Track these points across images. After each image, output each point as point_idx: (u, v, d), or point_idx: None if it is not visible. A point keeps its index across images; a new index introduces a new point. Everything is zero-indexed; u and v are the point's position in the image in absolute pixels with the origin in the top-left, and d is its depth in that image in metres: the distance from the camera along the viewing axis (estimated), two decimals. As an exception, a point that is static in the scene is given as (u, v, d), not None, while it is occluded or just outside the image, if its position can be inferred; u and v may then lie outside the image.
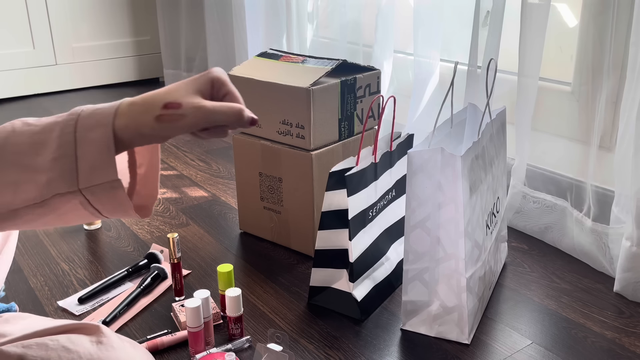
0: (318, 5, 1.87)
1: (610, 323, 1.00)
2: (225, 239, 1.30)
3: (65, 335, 0.71)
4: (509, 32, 1.26)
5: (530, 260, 1.20)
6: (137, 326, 1.00)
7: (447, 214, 0.90)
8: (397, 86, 1.67)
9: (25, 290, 1.11)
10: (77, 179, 0.53)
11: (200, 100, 0.55)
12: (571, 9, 1.30)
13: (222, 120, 0.55)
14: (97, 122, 0.54)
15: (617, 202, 1.09)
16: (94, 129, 0.53)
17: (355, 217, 0.96)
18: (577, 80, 1.23)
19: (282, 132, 1.15)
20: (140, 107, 0.54)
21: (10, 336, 0.68)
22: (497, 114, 1.06)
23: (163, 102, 0.54)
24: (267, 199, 1.23)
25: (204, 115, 0.54)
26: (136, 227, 1.35)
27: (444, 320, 0.95)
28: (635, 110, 1.00)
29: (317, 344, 0.95)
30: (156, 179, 0.64)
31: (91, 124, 0.54)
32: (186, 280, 1.14)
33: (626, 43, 1.10)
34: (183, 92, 0.55)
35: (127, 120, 0.54)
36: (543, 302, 1.06)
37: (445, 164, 0.88)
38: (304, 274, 1.15)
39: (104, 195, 0.54)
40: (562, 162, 1.27)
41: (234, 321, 0.94)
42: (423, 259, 0.94)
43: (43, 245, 1.28)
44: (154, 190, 0.64)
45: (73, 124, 0.54)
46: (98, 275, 1.16)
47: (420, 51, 1.49)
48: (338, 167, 0.96)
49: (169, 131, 0.54)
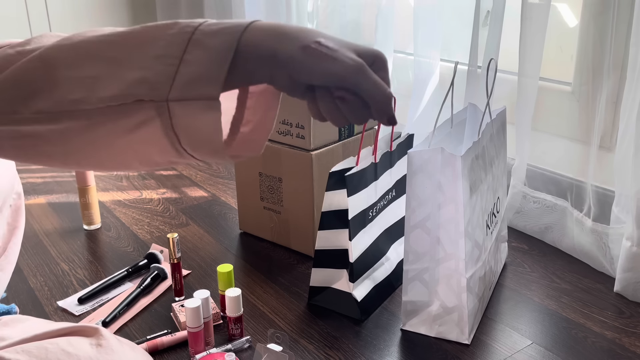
0: (318, 5, 1.87)
1: (610, 323, 1.00)
2: (225, 239, 1.30)
3: (65, 339, 0.70)
4: (509, 32, 1.26)
5: (531, 260, 1.20)
6: (136, 326, 1.00)
7: (447, 214, 0.89)
8: (397, 86, 1.67)
9: (25, 291, 1.11)
10: (171, 86, 0.43)
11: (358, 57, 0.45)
12: (571, 9, 1.30)
13: (370, 91, 0.44)
14: (222, 29, 0.44)
15: (618, 202, 1.09)
16: (216, 35, 0.44)
17: (355, 217, 0.96)
18: (577, 80, 1.23)
19: (282, 132, 1.15)
20: (290, 32, 0.44)
21: (9, 340, 0.68)
22: (497, 114, 1.05)
23: (318, 38, 0.44)
24: (267, 199, 1.23)
25: (355, 70, 0.44)
26: (136, 227, 1.35)
27: (444, 321, 0.95)
28: (636, 110, 1.00)
29: (317, 344, 0.95)
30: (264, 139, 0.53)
31: (214, 30, 0.44)
32: (186, 280, 1.13)
33: (626, 43, 1.10)
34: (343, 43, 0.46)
35: (263, 36, 0.44)
36: (543, 302, 1.06)
37: (446, 164, 0.87)
38: (304, 274, 1.15)
39: (195, 116, 0.43)
40: (562, 162, 1.27)
41: (233, 321, 0.94)
42: (423, 259, 0.93)
43: (43, 245, 1.28)
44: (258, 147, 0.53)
45: (196, 25, 0.44)
46: (98, 275, 1.16)
47: (420, 51, 1.49)
48: (338, 167, 0.96)
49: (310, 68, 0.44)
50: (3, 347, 0.67)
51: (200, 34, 0.43)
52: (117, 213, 1.43)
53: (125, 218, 1.40)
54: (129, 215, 1.42)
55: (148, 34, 0.44)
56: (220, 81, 0.42)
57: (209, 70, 0.43)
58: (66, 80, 0.44)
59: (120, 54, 0.44)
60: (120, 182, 1.62)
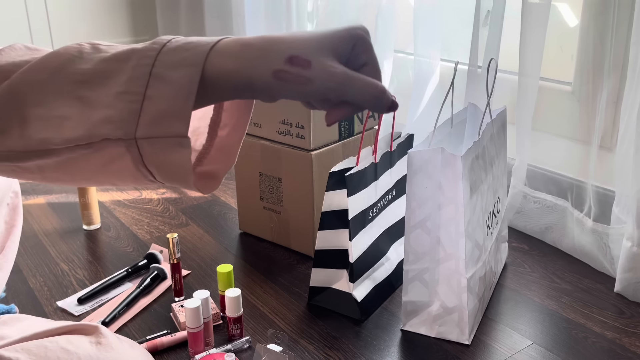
0: (318, 5, 1.87)
1: (610, 323, 1.00)
2: (225, 239, 1.30)
3: (64, 337, 0.70)
4: (510, 32, 1.26)
5: (531, 260, 1.20)
6: (136, 327, 1.00)
7: (448, 214, 0.89)
8: (397, 86, 1.67)
9: (24, 291, 1.11)
10: (137, 123, 0.41)
11: (335, 65, 0.42)
12: (572, 9, 1.30)
13: (356, 97, 0.42)
14: (182, 60, 0.42)
15: (618, 202, 1.09)
16: (177, 68, 0.42)
17: (356, 217, 0.96)
18: (577, 80, 1.23)
19: (282, 132, 1.15)
20: (257, 53, 0.42)
21: (8, 339, 0.68)
22: (498, 113, 1.05)
23: (288, 54, 0.41)
24: (267, 199, 1.23)
25: (336, 86, 0.42)
26: (135, 227, 1.35)
27: (444, 321, 0.95)
28: (636, 110, 1.00)
29: (317, 345, 0.95)
30: (238, 145, 0.52)
31: (176, 60, 0.42)
32: (186, 280, 1.13)
33: (627, 43, 1.10)
34: (315, 48, 0.42)
35: (232, 64, 0.42)
36: (543, 302, 1.06)
37: (446, 164, 0.87)
38: (304, 274, 1.15)
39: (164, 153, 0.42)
40: (563, 162, 1.27)
41: (233, 321, 0.94)
42: (423, 260, 0.93)
43: (42, 245, 1.28)
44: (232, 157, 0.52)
45: (154, 56, 0.42)
46: (97, 275, 1.16)
47: (420, 51, 1.49)
48: (338, 167, 0.96)
49: (284, 94, 0.42)
50: (2, 345, 0.67)
51: (161, 67, 0.42)
52: (117, 213, 1.43)
53: (124, 218, 1.40)
54: (128, 215, 1.41)
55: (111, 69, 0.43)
56: (186, 117, 0.41)
57: (174, 105, 0.41)
58: (35, 118, 0.43)
59: (86, 92, 0.43)
60: (120, 182, 1.61)
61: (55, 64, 0.44)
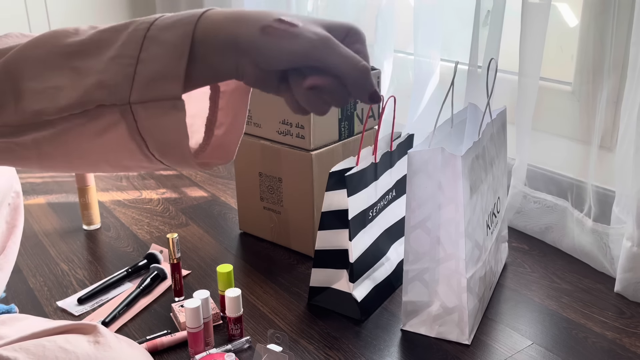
0: (318, 5, 1.87)
1: (610, 323, 1.00)
2: (225, 239, 1.30)
3: (63, 336, 0.70)
4: (510, 32, 1.26)
5: (531, 260, 1.19)
6: (136, 327, 1.00)
7: (448, 214, 0.89)
8: (397, 86, 1.67)
9: (24, 291, 1.11)
10: (131, 88, 0.41)
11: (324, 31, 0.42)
12: (572, 9, 1.30)
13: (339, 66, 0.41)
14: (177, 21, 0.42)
15: (618, 202, 1.09)
16: (171, 28, 0.41)
17: (356, 217, 0.96)
18: (577, 80, 1.23)
19: (282, 132, 1.15)
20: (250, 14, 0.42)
21: (6, 338, 0.68)
22: (498, 113, 1.05)
23: (278, 16, 0.41)
24: (267, 199, 1.23)
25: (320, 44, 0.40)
26: (135, 227, 1.35)
27: (444, 321, 0.95)
28: (636, 110, 1.00)
29: (317, 345, 0.95)
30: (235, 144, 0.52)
31: (169, 22, 0.42)
32: (186, 280, 1.13)
33: (627, 43, 1.10)
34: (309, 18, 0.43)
35: (221, 23, 0.42)
36: (543, 302, 1.06)
37: (446, 164, 0.87)
38: (304, 274, 1.15)
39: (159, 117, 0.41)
40: (563, 162, 1.27)
41: (233, 322, 0.94)
42: (423, 260, 0.93)
43: (42, 245, 1.28)
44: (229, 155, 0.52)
45: (151, 21, 0.42)
46: (97, 275, 1.16)
47: (420, 51, 1.49)
48: (338, 167, 0.96)
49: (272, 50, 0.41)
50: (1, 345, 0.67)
51: (155, 29, 0.41)
52: (117, 213, 1.43)
53: (124, 218, 1.40)
54: (128, 215, 1.41)
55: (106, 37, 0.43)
56: (180, 76, 0.41)
57: (167, 66, 0.40)
58: (29, 92, 0.43)
59: (80, 62, 0.42)
60: (120, 182, 1.61)
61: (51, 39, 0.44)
